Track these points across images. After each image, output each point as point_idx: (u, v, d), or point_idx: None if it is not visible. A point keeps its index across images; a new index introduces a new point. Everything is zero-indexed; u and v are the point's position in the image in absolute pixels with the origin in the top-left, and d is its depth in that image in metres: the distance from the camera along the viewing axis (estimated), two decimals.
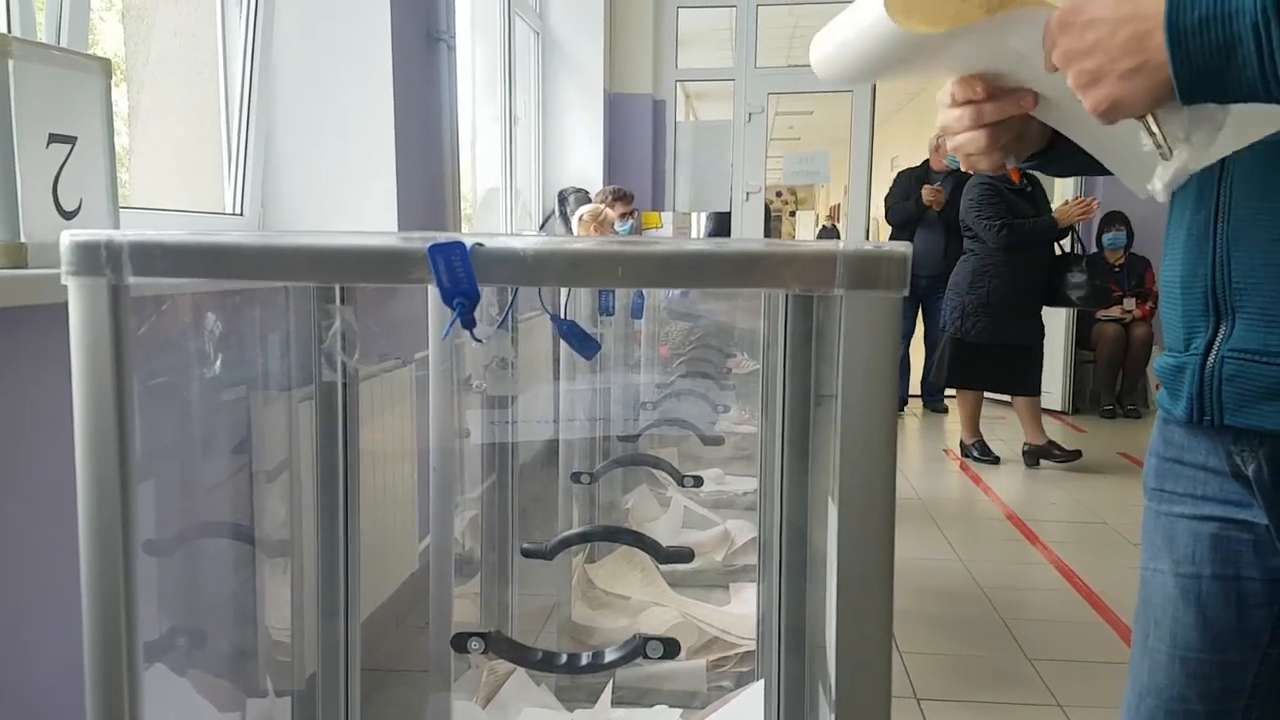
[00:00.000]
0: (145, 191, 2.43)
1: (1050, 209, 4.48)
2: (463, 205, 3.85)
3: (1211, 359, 0.82)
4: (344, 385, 1.21)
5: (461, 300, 0.61)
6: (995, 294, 4.33)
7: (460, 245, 0.60)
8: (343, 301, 1.08)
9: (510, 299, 0.70)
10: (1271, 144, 0.75)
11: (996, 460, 4.54)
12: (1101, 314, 5.56)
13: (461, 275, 0.61)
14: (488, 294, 1.48)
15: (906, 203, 5.54)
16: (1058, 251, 4.48)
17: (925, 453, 4.91)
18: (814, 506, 1.09)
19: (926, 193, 5.44)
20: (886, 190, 5.77)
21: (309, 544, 1.22)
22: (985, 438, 4.65)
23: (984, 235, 4.35)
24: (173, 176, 2.55)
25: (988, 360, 4.40)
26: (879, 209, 6.13)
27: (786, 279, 0.64)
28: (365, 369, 2.24)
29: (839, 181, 8.51)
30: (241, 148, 2.53)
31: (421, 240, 0.62)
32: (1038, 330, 4.54)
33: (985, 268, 4.37)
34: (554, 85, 5.66)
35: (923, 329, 5.77)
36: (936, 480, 4.36)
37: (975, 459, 4.57)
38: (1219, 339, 0.82)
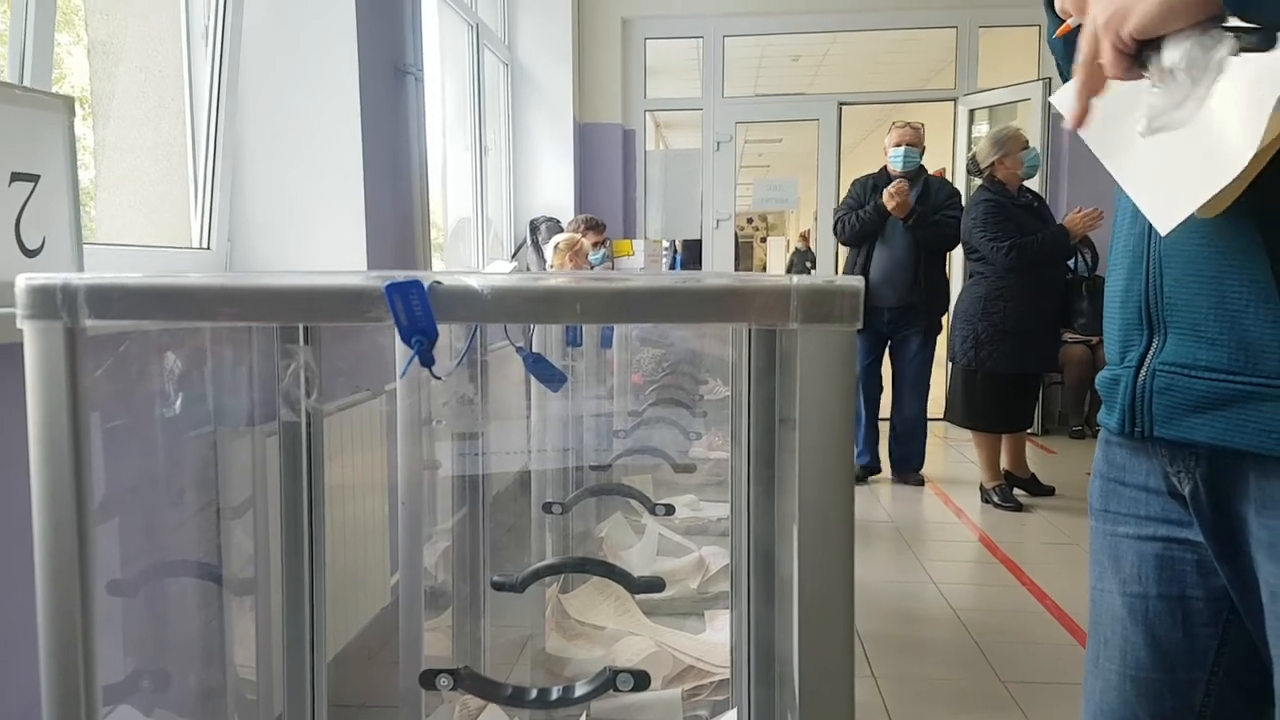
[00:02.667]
0: (112, 226, 2.42)
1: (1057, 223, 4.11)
2: (435, 235, 3.85)
3: (1144, 372, 0.84)
4: (307, 422, 1.20)
5: (420, 338, 0.62)
6: (1011, 319, 3.94)
7: (418, 284, 0.61)
8: (306, 339, 1.08)
9: (470, 336, 0.70)
10: None
11: (1019, 507, 4.11)
12: (1069, 336, 5.49)
13: (420, 314, 0.61)
14: (459, 327, 1.48)
15: (858, 211, 4.45)
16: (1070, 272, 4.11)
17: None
18: (781, 532, 1.10)
19: (888, 194, 4.29)
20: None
21: (274, 582, 1.21)
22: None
23: (991, 256, 3.95)
24: (140, 211, 2.54)
25: (1008, 393, 4.05)
26: None
27: (742, 314, 0.65)
28: (335, 402, 2.23)
29: (808, 207, 8.58)
30: (208, 182, 2.53)
31: (379, 279, 0.62)
32: (1057, 358, 4.25)
33: (997, 291, 3.97)
34: (524, 116, 5.70)
35: (891, 377, 4.70)
36: (910, 503, 4.37)
37: (996, 505, 4.15)
38: (1152, 352, 0.83)
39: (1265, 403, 0.74)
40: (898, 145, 4.43)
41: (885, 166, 4.52)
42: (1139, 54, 0.68)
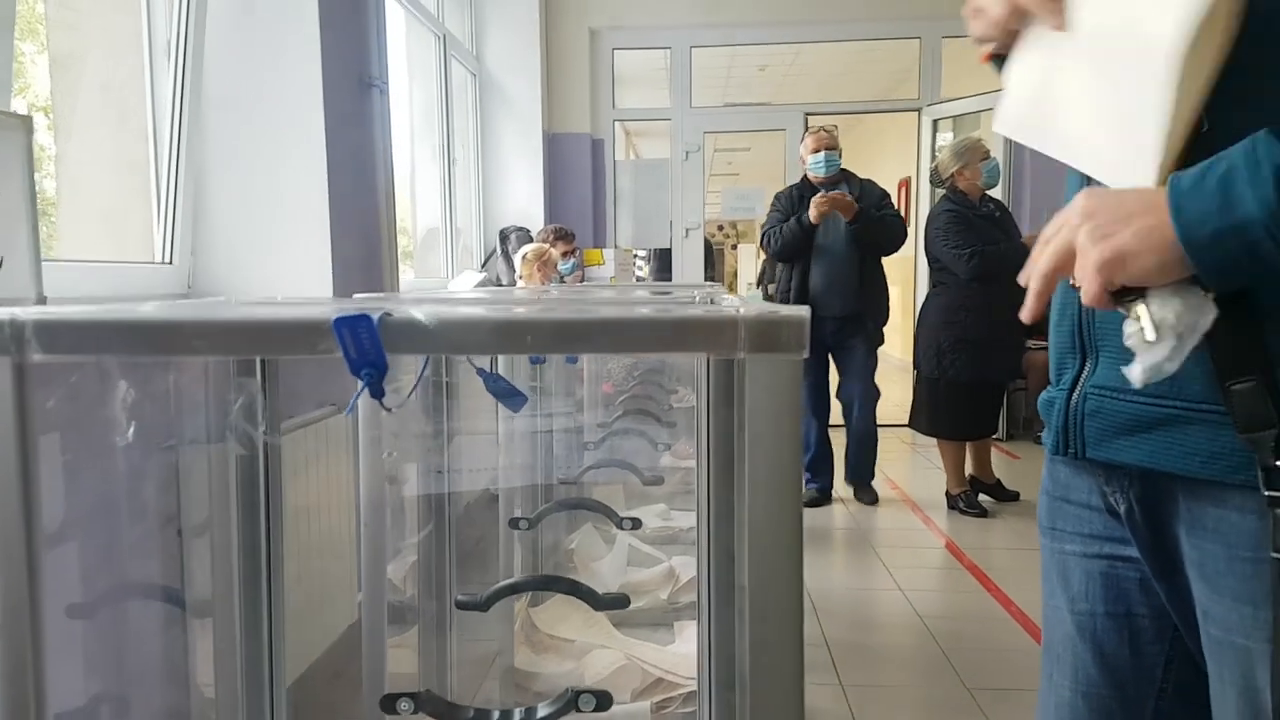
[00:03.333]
0: (74, 240, 2.39)
1: (1020, 235, 4.18)
2: (405, 243, 3.84)
3: (1076, 394, 0.86)
4: (265, 443, 1.20)
5: (370, 371, 0.62)
6: (974, 328, 3.97)
7: (366, 318, 0.61)
8: (262, 368, 1.08)
9: (421, 368, 0.70)
10: None
11: (984, 513, 4.15)
12: (1032, 342, 5.51)
13: (369, 347, 0.62)
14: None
15: (785, 224, 4.24)
16: None
17: None
18: (740, 544, 1.11)
19: (815, 206, 4.06)
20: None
21: (234, 605, 1.20)
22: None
23: (954, 266, 3.99)
24: (101, 225, 2.51)
25: (971, 401, 4.09)
26: None
27: (691, 344, 0.66)
28: (299, 418, 2.22)
29: None
30: (170, 196, 2.51)
31: (331, 310, 0.63)
32: (1019, 367, 4.31)
33: (960, 302, 4.02)
34: (492, 126, 5.69)
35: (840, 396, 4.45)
36: (875, 510, 4.40)
37: (962, 511, 4.18)
38: (1084, 375, 0.86)
39: (1190, 425, 0.77)
40: (816, 151, 4.26)
41: (805, 176, 4.34)
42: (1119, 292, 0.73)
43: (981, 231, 4.00)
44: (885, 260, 4.38)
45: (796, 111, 6.29)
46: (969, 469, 4.32)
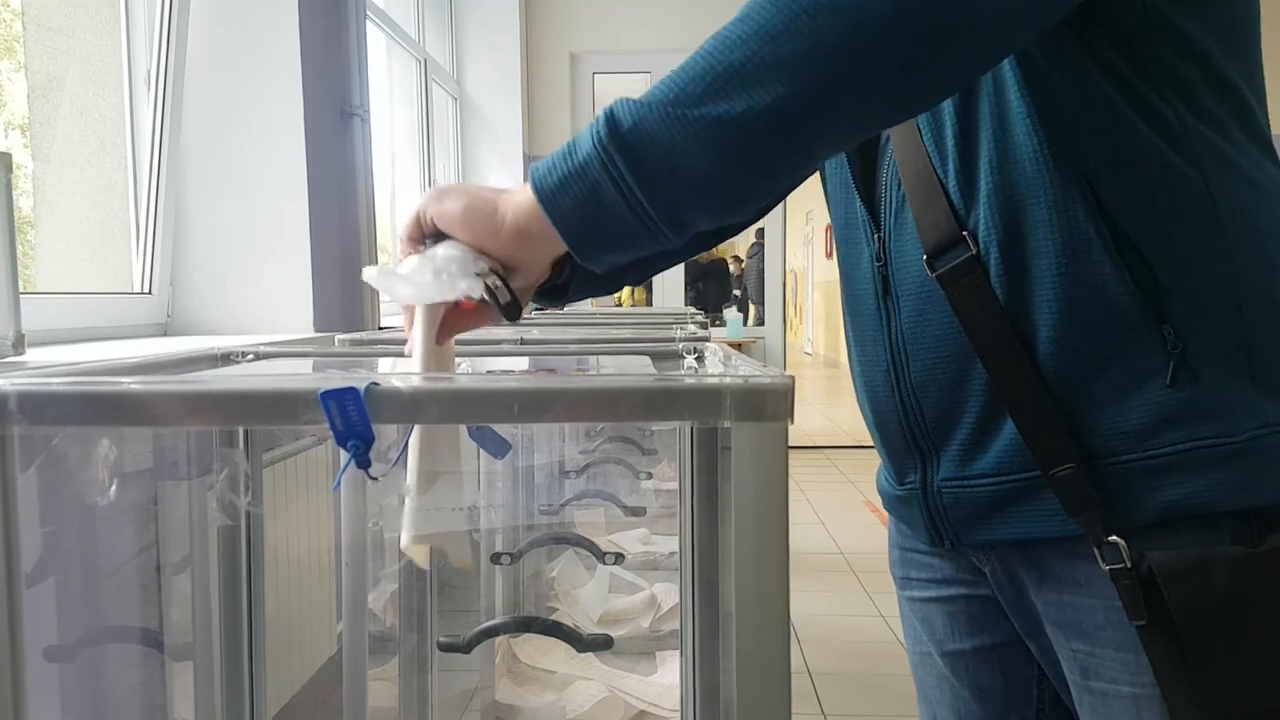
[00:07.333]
0: (53, 268, 2.37)
1: None
2: (384, 261, 3.82)
3: (931, 492, 0.87)
4: (247, 476, 1.19)
5: (356, 443, 0.62)
6: None
7: (354, 390, 0.61)
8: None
9: (404, 438, 0.70)
10: (924, 295, 0.81)
11: None
12: None
13: (356, 419, 0.61)
14: None
15: None
16: None
17: (847, 504, 4.96)
18: (724, 571, 1.11)
19: None
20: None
21: (214, 644, 1.19)
22: None
23: None
24: (80, 254, 2.50)
25: None
26: (793, 259, 6.06)
27: (679, 413, 0.66)
28: (280, 449, 2.20)
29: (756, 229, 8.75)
30: (150, 225, 2.50)
31: (314, 382, 0.63)
32: None
33: None
34: (473, 149, 5.71)
35: None
36: (859, 533, 4.40)
37: None
38: (930, 474, 0.86)
39: (1042, 490, 0.78)
40: None
41: None
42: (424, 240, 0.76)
43: None
44: None
45: None
46: None
